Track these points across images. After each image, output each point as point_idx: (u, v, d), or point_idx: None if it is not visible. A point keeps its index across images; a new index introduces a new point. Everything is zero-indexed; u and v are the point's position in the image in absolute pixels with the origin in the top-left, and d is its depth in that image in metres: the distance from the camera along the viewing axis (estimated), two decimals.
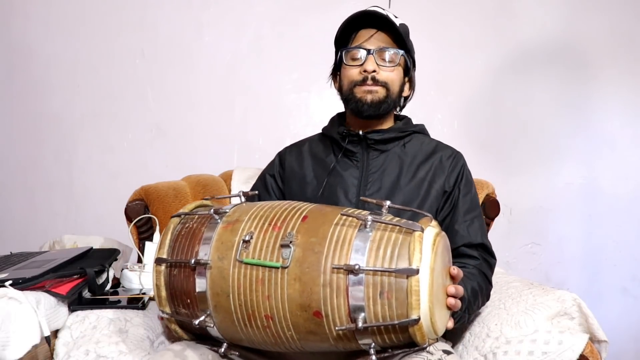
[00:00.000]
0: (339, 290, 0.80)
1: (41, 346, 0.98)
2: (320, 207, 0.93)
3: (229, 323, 0.87)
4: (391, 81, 1.13)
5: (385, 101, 1.12)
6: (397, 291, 0.78)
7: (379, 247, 0.82)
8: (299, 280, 0.81)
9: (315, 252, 0.82)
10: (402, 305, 0.78)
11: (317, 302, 0.81)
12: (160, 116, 2.13)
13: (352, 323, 0.80)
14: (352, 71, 1.13)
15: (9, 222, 2.19)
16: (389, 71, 1.13)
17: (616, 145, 2.14)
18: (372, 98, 1.11)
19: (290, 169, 1.24)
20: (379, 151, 1.16)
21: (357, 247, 0.82)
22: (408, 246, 0.80)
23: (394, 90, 1.14)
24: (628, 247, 2.13)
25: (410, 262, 0.79)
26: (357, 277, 0.79)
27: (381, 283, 0.79)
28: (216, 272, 0.86)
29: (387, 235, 0.83)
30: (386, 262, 0.80)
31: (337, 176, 1.16)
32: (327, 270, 0.81)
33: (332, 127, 1.23)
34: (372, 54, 1.11)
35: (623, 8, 2.13)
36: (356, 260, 0.80)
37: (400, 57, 1.13)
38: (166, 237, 0.94)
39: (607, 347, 1.01)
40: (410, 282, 0.78)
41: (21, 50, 2.16)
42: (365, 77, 1.11)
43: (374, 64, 1.11)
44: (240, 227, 0.89)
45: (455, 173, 1.15)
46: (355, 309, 0.80)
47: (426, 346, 0.84)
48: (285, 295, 0.82)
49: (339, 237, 0.83)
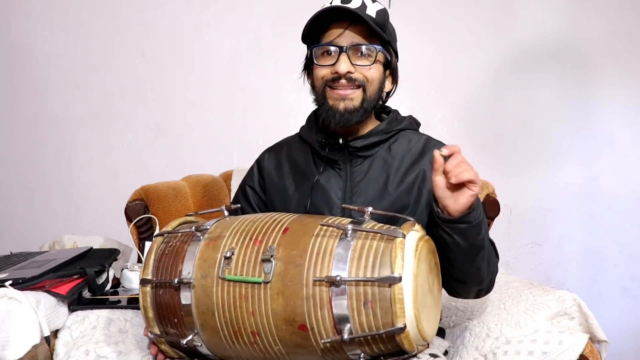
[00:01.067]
0: (323, 302, 0.79)
1: (41, 346, 0.98)
2: (301, 217, 0.91)
3: (217, 340, 0.87)
4: (370, 80, 1.02)
5: (360, 108, 1.02)
6: (381, 300, 0.77)
7: (361, 256, 0.80)
8: (282, 295, 0.80)
9: (297, 265, 0.81)
10: (387, 314, 0.77)
11: (302, 316, 0.79)
12: (160, 116, 2.13)
13: (337, 335, 0.78)
14: (323, 71, 1.02)
15: (9, 222, 2.19)
16: (366, 70, 1.01)
17: (616, 145, 2.14)
18: (346, 106, 1.01)
19: (270, 179, 1.16)
20: (362, 157, 1.08)
21: (339, 258, 0.80)
22: (390, 254, 0.79)
23: (372, 91, 1.03)
24: (628, 247, 2.13)
25: (392, 270, 0.77)
26: (340, 288, 0.78)
27: (364, 293, 0.78)
28: (200, 291, 0.86)
29: (369, 243, 0.81)
30: (368, 271, 0.79)
31: (320, 190, 1.07)
32: (309, 283, 0.79)
33: (310, 130, 1.14)
34: (345, 52, 0.99)
35: (623, 8, 2.12)
36: (338, 270, 0.79)
37: (377, 53, 1.02)
38: (150, 257, 0.92)
39: (607, 347, 1.01)
40: (393, 290, 0.76)
41: (21, 50, 2.16)
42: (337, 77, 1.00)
43: (347, 64, 0.99)
44: (222, 244, 0.88)
45: None
46: (340, 321, 0.78)
47: (415, 353, 0.82)
48: (270, 310, 0.81)
49: (320, 248, 0.82)
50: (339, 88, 1.01)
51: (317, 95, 1.06)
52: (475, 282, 0.99)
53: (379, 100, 1.08)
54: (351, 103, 1.01)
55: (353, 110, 1.02)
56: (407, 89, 1.34)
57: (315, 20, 1.02)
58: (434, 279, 0.91)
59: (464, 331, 1.11)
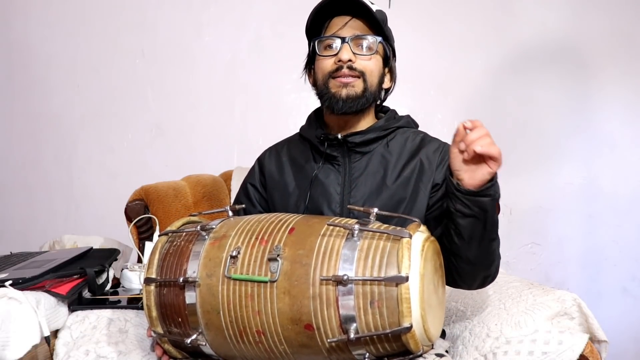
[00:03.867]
0: (329, 301, 0.79)
1: (41, 346, 0.98)
2: (307, 218, 0.92)
3: (221, 340, 0.87)
4: (369, 71, 1.05)
5: (362, 96, 1.05)
6: (388, 300, 0.77)
7: (367, 256, 0.80)
8: (288, 294, 0.80)
9: (304, 265, 0.81)
10: (393, 314, 0.77)
11: (308, 315, 0.79)
12: (160, 116, 2.13)
13: (343, 334, 0.78)
14: (326, 62, 1.06)
15: (9, 222, 2.19)
16: (366, 60, 1.05)
17: (616, 145, 2.14)
18: (348, 93, 1.04)
19: (271, 177, 1.18)
20: (360, 153, 1.10)
21: (345, 257, 0.80)
22: (396, 253, 0.79)
23: (372, 82, 1.06)
24: (628, 247, 2.13)
25: (399, 270, 0.77)
26: (346, 287, 0.78)
27: (371, 292, 0.78)
28: (205, 290, 0.86)
29: (375, 243, 0.82)
30: (375, 270, 0.79)
31: (319, 185, 1.10)
32: (315, 282, 0.79)
33: (310, 128, 1.16)
34: (347, 42, 1.03)
35: (623, 8, 2.13)
36: (345, 270, 0.79)
37: (378, 45, 1.06)
38: (154, 257, 0.92)
39: (607, 347, 1.01)
40: (400, 289, 0.76)
41: (21, 50, 2.16)
42: (340, 67, 1.03)
43: (349, 53, 1.03)
44: (228, 243, 0.88)
45: (443, 166, 1.07)
46: (347, 320, 0.79)
47: (421, 353, 0.82)
48: (275, 309, 0.81)
49: (326, 247, 0.82)
50: (341, 76, 1.04)
51: (320, 88, 1.09)
52: (486, 264, 0.99)
53: (379, 94, 1.11)
54: (353, 90, 1.04)
55: (355, 98, 1.05)
56: (407, 89, 1.34)
57: (318, 13, 1.06)
58: (439, 280, 0.91)
59: (464, 331, 1.11)
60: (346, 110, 1.05)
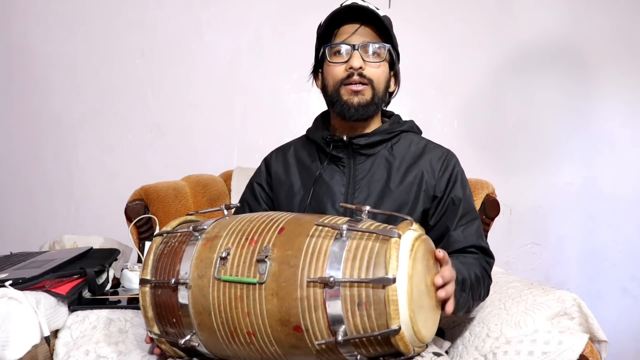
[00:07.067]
0: (317, 303, 0.78)
1: (41, 346, 0.98)
2: (298, 217, 0.91)
3: (214, 340, 0.87)
4: (377, 78, 1.08)
5: (372, 103, 1.08)
6: (375, 302, 0.76)
7: (355, 257, 0.79)
8: (276, 296, 0.79)
9: (291, 266, 0.80)
10: (381, 316, 0.76)
11: (296, 317, 0.79)
12: (160, 116, 2.13)
13: (332, 336, 0.77)
14: (336, 69, 1.08)
15: (9, 222, 2.19)
16: (375, 67, 1.08)
17: (616, 145, 2.14)
18: (359, 100, 1.07)
19: (277, 176, 1.21)
20: (365, 155, 1.12)
21: (333, 258, 0.79)
22: (384, 254, 0.77)
23: (380, 89, 1.09)
24: (628, 247, 2.13)
25: (386, 271, 0.75)
26: (333, 289, 0.77)
27: (358, 294, 0.76)
28: (197, 291, 0.86)
29: (364, 243, 0.80)
30: (363, 272, 0.77)
31: (324, 185, 1.12)
32: (303, 283, 0.78)
33: (316, 130, 1.19)
34: (357, 50, 1.06)
35: (623, 8, 2.13)
36: (332, 271, 0.78)
37: (386, 52, 1.09)
38: (149, 258, 0.92)
39: (607, 347, 1.01)
40: (387, 291, 0.75)
41: (21, 50, 2.16)
42: (351, 74, 1.06)
43: (360, 60, 1.06)
44: (219, 244, 0.87)
45: (447, 176, 1.11)
46: (335, 322, 0.77)
47: (412, 355, 0.81)
48: (265, 311, 0.80)
49: (314, 248, 0.81)
50: (352, 84, 1.07)
51: (331, 95, 1.11)
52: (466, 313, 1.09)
53: (385, 98, 1.14)
54: (363, 97, 1.08)
55: (366, 105, 1.08)
56: (407, 89, 1.33)
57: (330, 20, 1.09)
58: (432, 280, 0.90)
59: (464, 331, 1.11)
60: (358, 117, 1.08)
